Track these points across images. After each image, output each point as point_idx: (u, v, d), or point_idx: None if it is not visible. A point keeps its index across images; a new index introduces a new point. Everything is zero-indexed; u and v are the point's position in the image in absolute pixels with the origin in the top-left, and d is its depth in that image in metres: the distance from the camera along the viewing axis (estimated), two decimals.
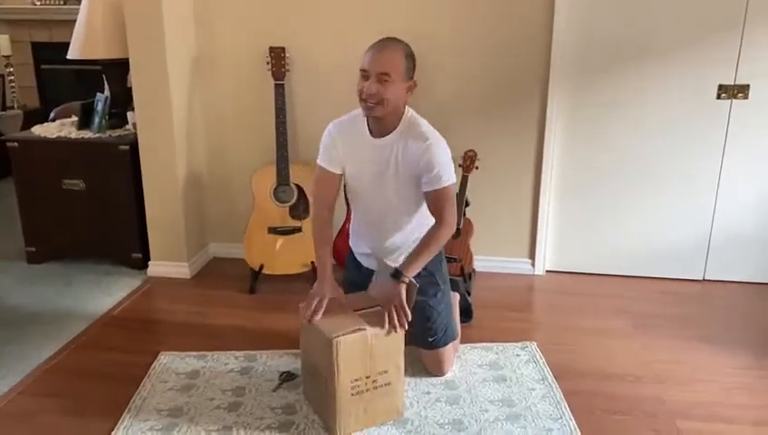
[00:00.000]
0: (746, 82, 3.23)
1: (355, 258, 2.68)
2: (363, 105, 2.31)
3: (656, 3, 3.21)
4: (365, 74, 2.29)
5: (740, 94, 3.25)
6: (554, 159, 3.45)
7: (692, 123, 3.33)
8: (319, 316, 2.25)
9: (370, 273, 2.62)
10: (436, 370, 2.60)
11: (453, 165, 2.37)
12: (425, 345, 2.57)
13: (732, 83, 3.24)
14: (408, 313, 2.26)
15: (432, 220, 2.40)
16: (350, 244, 2.72)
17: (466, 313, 3.01)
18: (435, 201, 2.36)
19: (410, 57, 2.33)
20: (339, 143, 2.44)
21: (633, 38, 3.26)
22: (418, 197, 2.41)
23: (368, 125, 2.41)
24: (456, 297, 2.95)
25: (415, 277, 2.36)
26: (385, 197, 2.44)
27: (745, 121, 3.29)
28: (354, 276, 2.66)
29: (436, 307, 2.53)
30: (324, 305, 2.27)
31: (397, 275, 2.30)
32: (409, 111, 2.39)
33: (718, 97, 3.27)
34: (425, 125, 2.38)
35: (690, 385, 2.59)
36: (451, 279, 3.00)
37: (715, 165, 3.38)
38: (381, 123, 2.36)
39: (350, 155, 2.44)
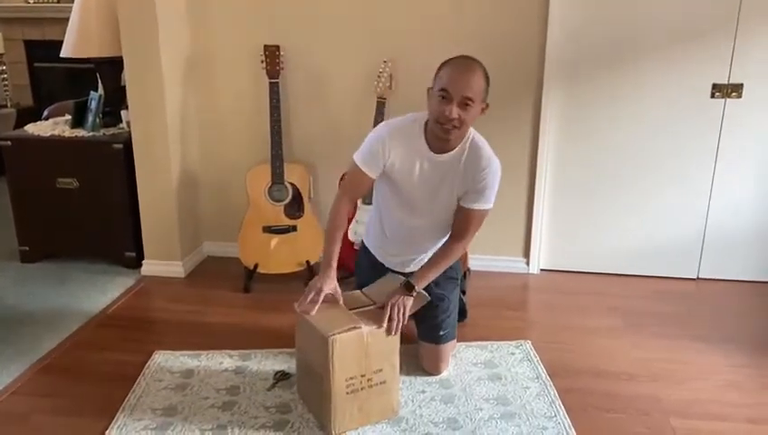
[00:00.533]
0: (740, 82, 3.24)
1: (371, 261, 2.67)
2: (440, 127, 2.24)
3: (650, 2, 3.21)
4: (446, 95, 2.20)
5: (734, 93, 3.27)
6: (549, 158, 3.46)
7: (686, 122, 3.34)
8: (314, 310, 2.23)
9: (386, 270, 2.62)
10: (433, 368, 2.59)
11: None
12: (434, 340, 2.56)
13: (726, 82, 3.25)
14: (405, 321, 2.28)
15: None
16: (366, 243, 2.72)
17: (461, 312, 3.00)
18: (467, 219, 2.39)
19: (488, 79, 2.29)
20: (391, 151, 2.34)
21: (627, 37, 3.27)
22: (449, 215, 2.44)
23: (425, 137, 2.35)
24: None
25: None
26: (430, 212, 2.44)
27: (739, 120, 3.30)
28: (368, 276, 2.62)
29: (454, 301, 2.57)
30: (321, 299, 2.24)
31: (408, 286, 2.33)
32: (473, 132, 2.37)
33: (712, 96, 3.28)
34: (487, 147, 2.38)
35: (684, 383, 2.60)
36: None
37: (708, 164, 3.39)
38: (449, 142, 2.32)
39: (402, 163, 2.36)
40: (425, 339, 2.60)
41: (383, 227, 2.60)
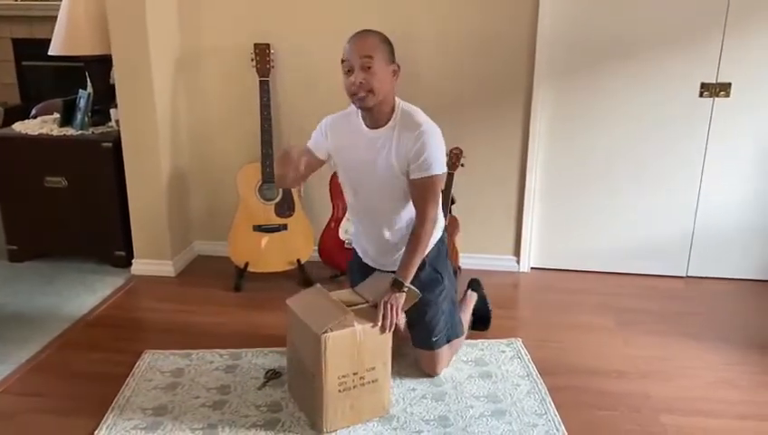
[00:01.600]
0: (728, 81, 3.27)
1: (360, 262, 2.67)
2: (354, 99, 2.29)
3: (639, 3, 3.23)
4: (348, 66, 2.28)
5: (722, 92, 3.29)
6: (539, 157, 3.47)
7: (675, 121, 3.36)
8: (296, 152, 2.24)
9: (373, 270, 2.61)
10: (430, 369, 2.59)
11: (445, 158, 2.36)
12: (427, 345, 2.55)
13: (714, 82, 3.28)
14: (400, 318, 2.28)
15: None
16: (354, 246, 2.71)
17: (483, 319, 2.95)
18: (419, 190, 2.33)
19: (387, 41, 2.33)
20: (328, 133, 2.47)
21: (616, 38, 3.28)
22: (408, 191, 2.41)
23: (362, 118, 2.41)
24: (472, 298, 2.95)
25: (420, 275, 2.41)
26: (376, 190, 2.43)
27: (727, 119, 3.32)
28: (358, 277, 2.62)
29: (441, 306, 2.53)
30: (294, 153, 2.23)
31: (397, 284, 2.32)
32: (401, 102, 2.39)
33: (701, 95, 3.30)
34: (419, 114, 2.36)
35: (674, 380, 2.61)
36: (473, 279, 3.02)
37: (697, 162, 3.41)
38: (374, 115, 2.35)
39: (340, 145, 2.44)
40: (418, 346, 2.59)
41: (354, 222, 2.62)
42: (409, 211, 2.44)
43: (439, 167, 2.32)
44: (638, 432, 2.30)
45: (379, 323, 2.23)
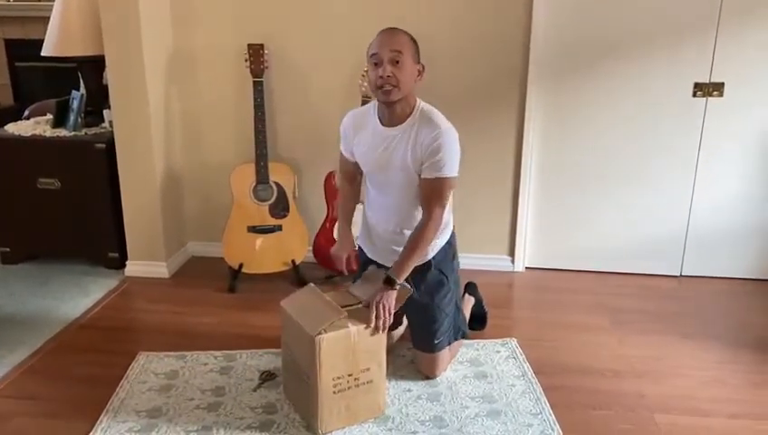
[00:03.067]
0: (721, 81, 3.28)
1: (362, 254, 2.66)
2: (379, 92, 2.30)
3: (632, 3, 3.24)
4: (377, 59, 2.28)
5: (715, 92, 3.30)
6: (533, 157, 3.47)
7: (668, 121, 3.37)
8: (354, 265, 2.56)
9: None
10: (429, 371, 2.58)
11: (458, 163, 2.36)
12: (428, 348, 2.54)
13: (707, 81, 3.28)
14: (391, 318, 2.27)
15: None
16: (360, 244, 2.69)
17: (480, 320, 2.97)
18: (428, 190, 2.34)
19: (415, 41, 2.36)
20: (351, 131, 2.51)
21: (610, 38, 3.29)
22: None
23: (377, 115, 2.42)
24: (470, 301, 2.95)
25: (426, 277, 2.43)
26: (394, 188, 2.43)
27: (721, 119, 3.33)
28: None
29: (445, 309, 2.52)
30: (350, 259, 2.57)
31: (389, 281, 2.31)
32: (421, 103, 2.40)
33: (694, 95, 3.31)
34: (440, 116, 2.37)
35: (668, 380, 2.62)
36: (469, 283, 3.01)
37: (691, 162, 3.42)
38: (394, 112, 2.36)
39: (359, 141, 2.47)
40: (419, 348, 2.58)
41: (372, 216, 2.56)
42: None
43: (451, 170, 2.33)
44: (633, 431, 2.30)
45: (372, 325, 2.23)
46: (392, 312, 2.29)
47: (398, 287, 2.32)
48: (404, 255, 2.36)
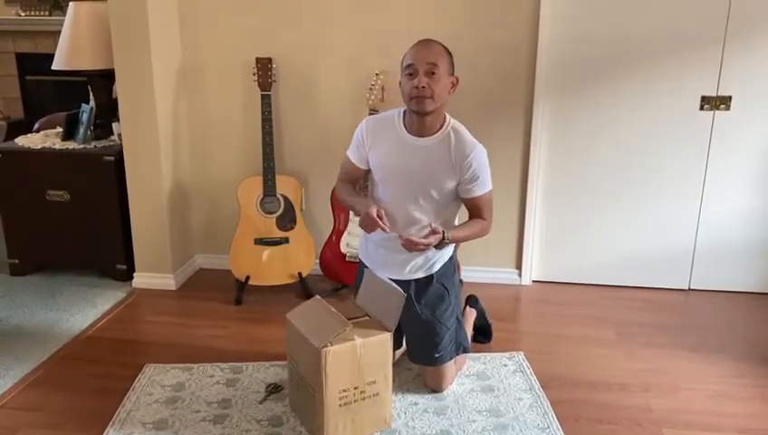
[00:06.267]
0: (728, 94, 3.28)
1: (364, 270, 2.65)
2: (414, 102, 2.32)
3: (639, 17, 3.25)
4: (412, 69, 2.31)
5: (722, 106, 3.30)
6: (540, 170, 3.48)
7: (676, 134, 3.37)
8: (387, 223, 2.30)
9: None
10: (435, 385, 2.57)
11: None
12: (430, 362, 2.53)
13: (714, 95, 3.29)
14: (424, 249, 2.30)
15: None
16: (361, 257, 2.66)
17: (485, 333, 2.97)
18: (475, 207, 2.45)
19: (450, 54, 2.39)
20: (367, 138, 2.47)
21: (617, 51, 3.30)
22: (444, 201, 2.43)
23: (404, 124, 2.43)
24: (472, 314, 2.94)
25: (428, 290, 2.44)
26: (411, 196, 2.43)
27: (728, 132, 3.33)
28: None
29: (446, 323, 2.51)
30: (381, 215, 2.30)
31: (442, 232, 2.30)
32: (451, 118, 2.44)
33: (701, 108, 3.31)
34: (467, 132, 2.43)
35: (676, 394, 2.60)
36: (471, 296, 3.01)
37: (699, 175, 3.41)
38: (425, 123, 2.38)
39: (379, 149, 2.46)
40: (422, 362, 2.57)
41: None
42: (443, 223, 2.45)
43: (490, 184, 2.47)
44: None
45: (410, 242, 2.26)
46: (421, 243, 2.27)
47: (445, 241, 2.32)
48: (463, 226, 2.47)
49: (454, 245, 2.58)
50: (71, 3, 3.54)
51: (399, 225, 2.45)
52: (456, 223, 2.56)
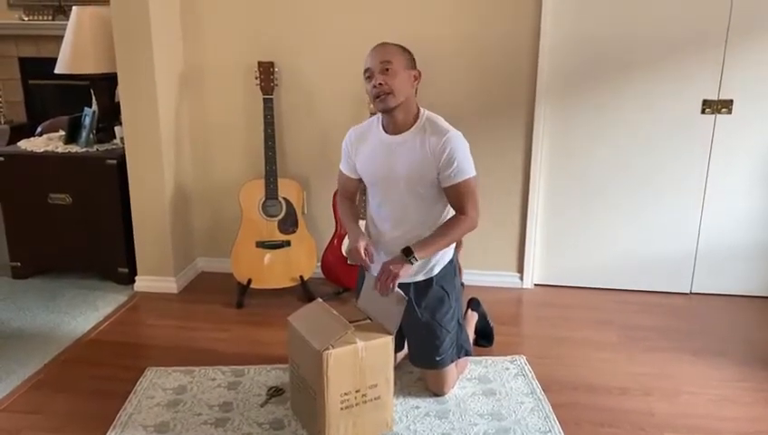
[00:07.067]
0: (730, 97, 3.28)
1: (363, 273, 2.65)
2: (378, 102, 2.36)
3: (641, 21, 3.25)
4: (369, 73, 2.37)
5: (724, 109, 3.30)
6: (542, 173, 3.48)
7: (677, 138, 3.37)
8: (373, 260, 2.38)
9: None
10: (437, 389, 2.57)
11: (472, 160, 2.40)
12: (431, 365, 2.53)
13: (716, 98, 3.29)
14: (394, 287, 2.29)
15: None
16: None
17: (487, 336, 2.97)
18: (456, 196, 2.40)
19: (406, 51, 2.43)
20: (352, 146, 2.55)
21: (618, 55, 3.30)
22: (432, 196, 2.42)
23: (382, 125, 2.47)
24: (474, 317, 2.94)
25: (428, 293, 2.43)
26: (398, 196, 2.44)
27: (729, 136, 3.33)
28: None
29: (446, 326, 2.51)
30: (369, 250, 2.39)
31: (407, 252, 2.32)
32: (425, 111, 2.45)
33: (702, 112, 3.31)
34: (443, 121, 2.43)
35: (677, 398, 2.60)
36: (472, 299, 3.01)
37: (700, 179, 3.41)
38: (396, 119, 2.40)
39: (361, 153, 2.51)
40: (423, 365, 2.57)
41: (377, 228, 2.55)
42: (433, 219, 2.46)
43: (470, 170, 2.39)
44: None
45: (376, 287, 2.29)
46: (397, 281, 2.29)
47: (412, 262, 2.32)
48: (431, 236, 2.40)
49: (453, 247, 2.58)
50: (73, 7, 3.56)
51: (390, 225, 2.48)
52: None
